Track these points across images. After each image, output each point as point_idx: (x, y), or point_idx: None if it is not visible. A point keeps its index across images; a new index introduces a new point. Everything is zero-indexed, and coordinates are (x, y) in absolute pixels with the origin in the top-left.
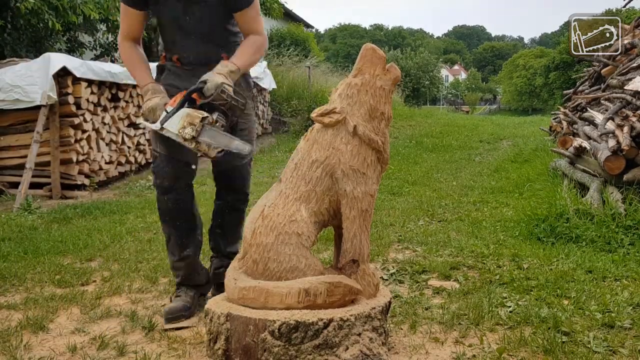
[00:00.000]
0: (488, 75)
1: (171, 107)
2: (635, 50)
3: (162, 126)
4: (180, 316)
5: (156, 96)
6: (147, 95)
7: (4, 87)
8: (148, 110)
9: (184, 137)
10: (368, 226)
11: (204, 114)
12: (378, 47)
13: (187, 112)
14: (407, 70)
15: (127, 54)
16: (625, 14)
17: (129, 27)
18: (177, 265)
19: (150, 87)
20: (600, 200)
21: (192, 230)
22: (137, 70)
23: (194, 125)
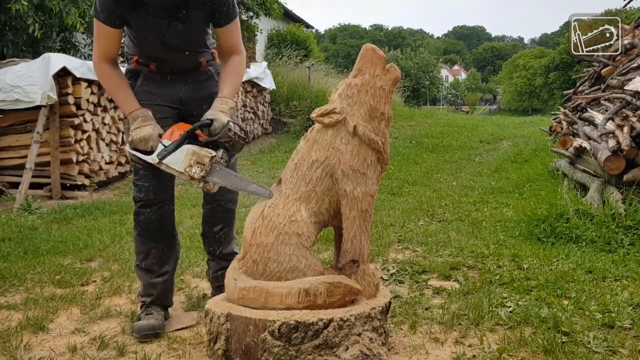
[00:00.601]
0: (488, 76)
1: (168, 141)
2: (635, 51)
3: (161, 160)
4: (156, 333)
5: (147, 124)
6: (137, 122)
7: (4, 87)
8: (139, 140)
9: (191, 175)
10: (368, 226)
11: (212, 153)
12: (378, 48)
13: (193, 150)
14: (407, 71)
15: (107, 77)
16: (625, 14)
17: (106, 47)
18: (154, 282)
19: (139, 113)
20: (600, 200)
21: (173, 244)
22: (122, 95)
23: (202, 164)
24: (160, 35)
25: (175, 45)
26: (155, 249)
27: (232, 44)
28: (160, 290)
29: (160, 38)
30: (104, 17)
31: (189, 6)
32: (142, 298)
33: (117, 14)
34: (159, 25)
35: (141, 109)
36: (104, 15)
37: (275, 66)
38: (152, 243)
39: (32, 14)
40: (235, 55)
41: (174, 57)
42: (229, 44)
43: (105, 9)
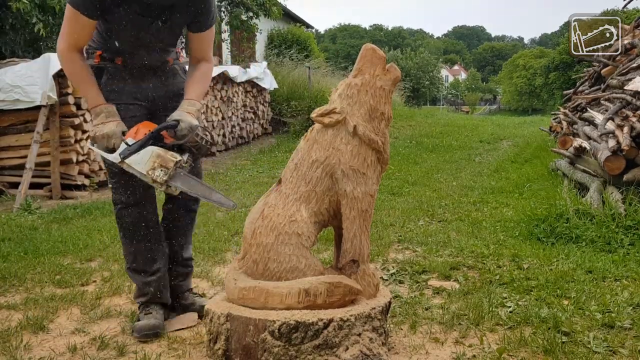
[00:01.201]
0: (488, 76)
1: (132, 140)
2: (635, 51)
3: (123, 160)
4: (157, 332)
5: (111, 121)
6: (100, 118)
7: (4, 87)
8: (102, 136)
9: (153, 178)
10: (368, 226)
11: (177, 157)
12: (378, 48)
13: (158, 152)
14: (407, 71)
15: (74, 67)
16: (625, 14)
17: (77, 36)
18: (148, 281)
19: (103, 108)
20: (600, 200)
21: (159, 242)
22: (88, 88)
23: (166, 168)
24: (137, 32)
25: (148, 43)
26: (143, 248)
27: (204, 50)
28: (155, 288)
29: (136, 34)
30: (84, 7)
31: (173, 8)
32: (139, 299)
33: (100, 6)
34: (139, 23)
35: (105, 104)
36: (85, 5)
37: (276, 66)
38: (139, 244)
39: (36, 13)
40: (205, 62)
41: (143, 53)
42: (201, 50)
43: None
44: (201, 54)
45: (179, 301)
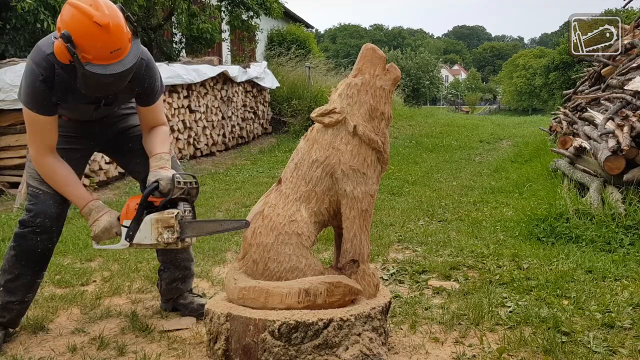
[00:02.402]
0: (488, 75)
1: (128, 221)
2: (635, 50)
3: (133, 242)
4: None
5: (102, 214)
6: (92, 217)
7: (4, 87)
8: (102, 232)
9: (166, 242)
10: (368, 226)
11: (174, 212)
12: (378, 47)
13: (155, 217)
14: (407, 70)
15: (53, 172)
16: (625, 14)
17: (46, 137)
18: (10, 308)
19: (91, 206)
20: (600, 200)
21: (42, 273)
22: (71, 190)
23: (171, 227)
24: (87, 115)
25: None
26: (27, 276)
27: (154, 119)
28: (15, 314)
29: (86, 117)
30: (37, 108)
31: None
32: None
33: (51, 103)
34: (87, 109)
35: (92, 202)
36: (36, 106)
37: (276, 66)
38: (27, 270)
39: (42, 10)
40: (161, 125)
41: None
42: (153, 120)
43: (38, 100)
44: (153, 122)
45: (178, 301)
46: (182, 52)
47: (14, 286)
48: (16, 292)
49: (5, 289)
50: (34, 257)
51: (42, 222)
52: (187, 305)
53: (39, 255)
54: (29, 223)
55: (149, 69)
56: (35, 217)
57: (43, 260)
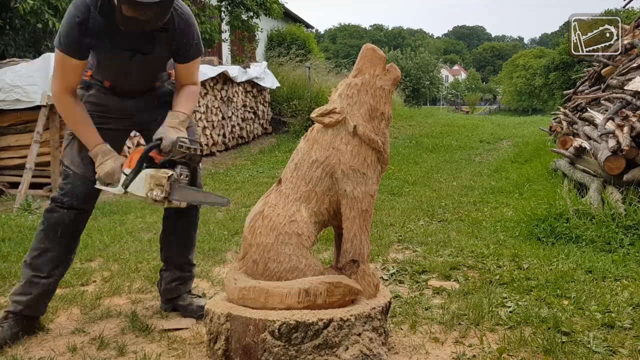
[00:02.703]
0: (488, 76)
1: (128, 169)
2: (635, 51)
3: (126, 190)
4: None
5: (108, 158)
6: (98, 159)
7: (4, 87)
8: (105, 175)
9: (154, 199)
10: (368, 226)
11: (168, 173)
12: (378, 48)
13: (150, 173)
14: (407, 71)
15: (69, 110)
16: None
17: (68, 79)
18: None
19: (99, 150)
20: (600, 200)
21: (71, 252)
22: (83, 130)
23: (161, 186)
24: (122, 65)
25: (134, 74)
26: (55, 252)
27: (190, 78)
28: (40, 292)
29: (122, 68)
30: (69, 49)
31: (155, 40)
32: (14, 297)
33: (83, 46)
34: (122, 56)
35: (100, 144)
36: (68, 47)
37: (276, 66)
38: (54, 244)
39: (45, 9)
40: (192, 85)
41: (129, 82)
42: (186, 78)
43: (71, 42)
44: (186, 80)
45: (176, 302)
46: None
47: (40, 261)
48: (42, 267)
49: (31, 265)
50: (61, 231)
51: (70, 202)
52: (187, 307)
53: (66, 231)
54: (57, 200)
55: (188, 25)
56: (64, 195)
57: (70, 238)
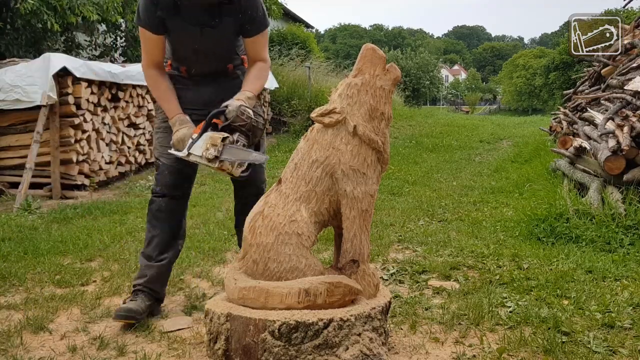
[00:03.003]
0: (488, 76)
1: (195, 134)
2: (635, 50)
3: (189, 152)
4: (132, 317)
5: (184, 127)
6: (176, 126)
7: (4, 87)
8: (177, 141)
9: (207, 157)
10: (368, 226)
11: (224, 135)
12: (378, 47)
13: (210, 135)
14: (407, 71)
15: (153, 83)
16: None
17: (151, 52)
18: (149, 266)
19: (177, 118)
20: (600, 200)
21: (175, 238)
22: (165, 101)
23: (215, 145)
24: (193, 40)
25: (205, 50)
26: (159, 237)
27: (258, 53)
28: (154, 274)
29: (192, 43)
30: (145, 23)
31: (222, 14)
32: (135, 281)
33: (157, 19)
34: (192, 31)
35: (180, 114)
36: (145, 21)
37: (276, 66)
38: (158, 231)
39: (44, 9)
40: (260, 62)
41: (203, 61)
42: (255, 53)
43: (146, 15)
44: (255, 56)
45: None
46: None
47: (150, 248)
48: (152, 253)
49: (144, 253)
50: (160, 218)
51: (162, 190)
52: None
53: (165, 217)
54: (153, 191)
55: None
56: (157, 185)
57: (170, 223)
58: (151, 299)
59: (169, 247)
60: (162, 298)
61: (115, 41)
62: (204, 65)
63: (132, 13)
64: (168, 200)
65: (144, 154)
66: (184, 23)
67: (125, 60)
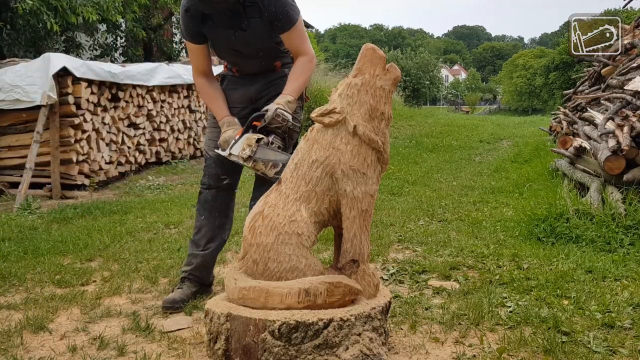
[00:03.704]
0: (488, 75)
1: (238, 136)
2: (635, 50)
3: (230, 152)
4: (177, 307)
5: (230, 128)
6: (223, 127)
7: (4, 87)
8: (223, 141)
9: (242, 157)
10: (368, 226)
11: (260, 136)
12: (378, 47)
13: (247, 136)
14: (407, 70)
15: (201, 90)
16: (625, 14)
17: (196, 62)
18: (195, 254)
19: (225, 120)
20: (600, 200)
21: (222, 227)
22: (213, 105)
23: (250, 146)
24: (229, 44)
25: (245, 52)
26: (207, 226)
27: (296, 47)
28: (199, 262)
29: (230, 46)
30: (185, 35)
31: (248, 16)
32: (182, 268)
33: (194, 30)
34: (227, 35)
35: (227, 117)
36: (185, 34)
37: None
38: (205, 221)
39: (44, 10)
40: (301, 56)
41: (246, 62)
42: (294, 48)
43: (185, 29)
44: (295, 51)
45: None
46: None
47: (198, 237)
48: (199, 242)
49: (193, 242)
50: (207, 209)
51: (208, 182)
52: None
53: (211, 208)
54: (201, 182)
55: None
56: (204, 177)
57: (216, 214)
58: (197, 285)
59: (215, 236)
60: (210, 283)
61: (115, 41)
62: (249, 66)
63: (132, 13)
64: (215, 192)
65: (144, 153)
66: (217, 29)
67: (125, 60)
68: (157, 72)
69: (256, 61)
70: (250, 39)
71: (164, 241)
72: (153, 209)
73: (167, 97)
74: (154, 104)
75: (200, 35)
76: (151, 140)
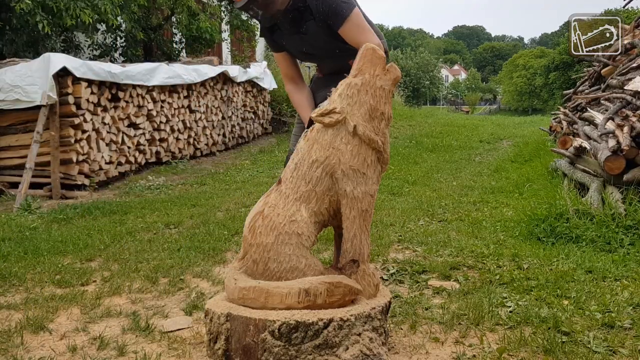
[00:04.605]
0: (488, 75)
1: None
2: (635, 50)
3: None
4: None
5: None
6: None
7: (4, 87)
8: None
9: None
10: (368, 226)
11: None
12: (378, 48)
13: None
14: (407, 70)
15: (290, 97)
16: (625, 14)
17: (282, 69)
18: None
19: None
20: (600, 200)
21: None
22: (299, 112)
23: None
24: (297, 48)
25: (315, 53)
26: None
27: (354, 41)
28: None
29: (300, 50)
30: (268, 45)
31: (303, 19)
32: None
33: (269, 39)
34: (294, 41)
35: None
36: (268, 44)
37: (276, 66)
38: None
39: (39, 12)
40: None
41: (323, 62)
42: (353, 43)
43: (266, 40)
44: (355, 45)
45: None
46: (182, 52)
47: None
48: None
49: None
50: None
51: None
52: None
53: None
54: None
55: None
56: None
57: None
58: None
59: None
60: None
61: (115, 41)
62: (325, 66)
63: (131, 13)
64: None
65: (144, 153)
66: (285, 36)
67: (125, 60)
68: (157, 72)
69: (329, 61)
70: (312, 41)
71: (164, 241)
72: (153, 209)
73: (167, 97)
74: (154, 104)
75: (277, 43)
76: (151, 140)
